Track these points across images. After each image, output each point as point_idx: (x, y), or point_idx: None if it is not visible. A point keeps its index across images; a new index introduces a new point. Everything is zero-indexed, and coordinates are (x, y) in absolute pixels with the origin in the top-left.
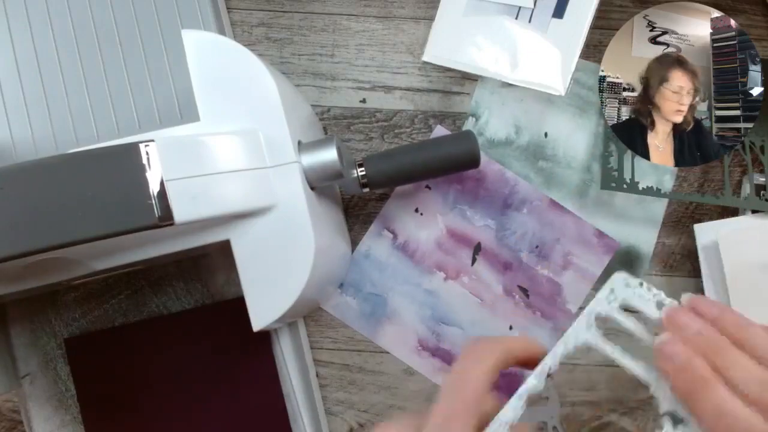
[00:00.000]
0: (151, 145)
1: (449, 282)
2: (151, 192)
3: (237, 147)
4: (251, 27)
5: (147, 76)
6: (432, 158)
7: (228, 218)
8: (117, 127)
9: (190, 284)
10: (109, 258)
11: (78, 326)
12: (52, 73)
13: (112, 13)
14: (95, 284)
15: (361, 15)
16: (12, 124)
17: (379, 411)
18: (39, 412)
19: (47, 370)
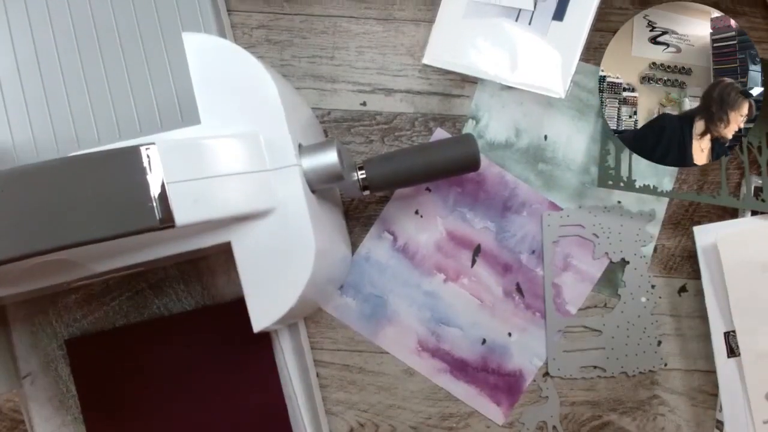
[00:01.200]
0: (152, 148)
1: (449, 284)
2: (152, 194)
3: (238, 150)
4: (251, 29)
5: (148, 79)
6: (432, 161)
7: (229, 221)
8: (118, 130)
9: (190, 286)
10: (110, 260)
11: (79, 327)
12: (53, 76)
13: (113, 15)
14: (96, 286)
15: (362, 17)
16: (13, 127)
17: (379, 411)
18: (40, 412)
19: (48, 370)
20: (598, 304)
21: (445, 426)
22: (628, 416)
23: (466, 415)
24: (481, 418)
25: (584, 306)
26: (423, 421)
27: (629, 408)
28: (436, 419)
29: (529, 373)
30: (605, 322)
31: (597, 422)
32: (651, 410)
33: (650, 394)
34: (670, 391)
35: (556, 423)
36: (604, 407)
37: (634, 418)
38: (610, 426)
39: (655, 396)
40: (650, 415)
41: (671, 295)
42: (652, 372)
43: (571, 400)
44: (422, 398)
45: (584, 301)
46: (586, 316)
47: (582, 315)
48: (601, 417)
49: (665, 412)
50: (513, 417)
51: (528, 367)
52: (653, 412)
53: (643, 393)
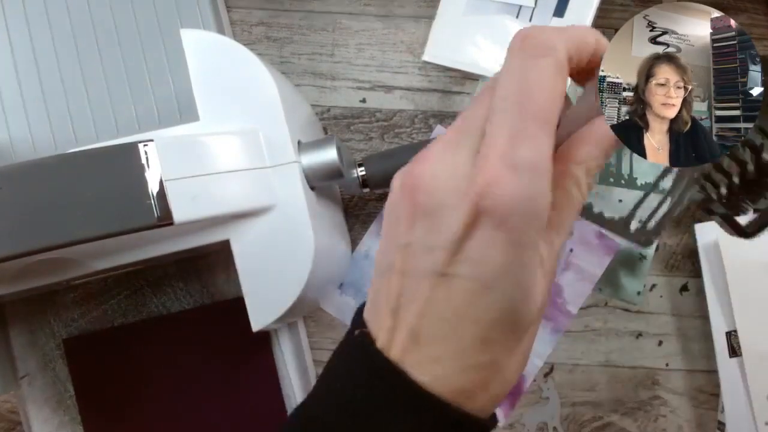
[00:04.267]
0: (150, 145)
1: None
2: (150, 192)
3: (236, 147)
4: (251, 26)
5: (146, 76)
6: None
7: (227, 218)
8: (116, 127)
9: (189, 284)
10: (108, 258)
11: (77, 326)
12: (51, 73)
13: (111, 12)
14: (94, 284)
15: (361, 14)
16: (11, 124)
17: None
18: (38, 413)
19: (46, 370)
20: (598, 303)
21: None
22: (630, 417)
23: None
24: None
25: (586, 306)
26: None
27: (630, 408)
28: None
29: (529, 374)
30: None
31: (598, 423)
32: (652, 411)
33: (651, 394)
34: (672, 392)
35: (557, 424)
36: (606, 408)
37: (635, 419)
38: (612, 427)
39: (657, 396)
40: (651, 416)
41: (672, 294)
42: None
43: (572, 400)
44: None
45: (585, 301)
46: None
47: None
48: (602, 418)
49: (666, 412)
50: (513, 418)
51: (528, 368)
52: (654, 412)
53: (644, 393)
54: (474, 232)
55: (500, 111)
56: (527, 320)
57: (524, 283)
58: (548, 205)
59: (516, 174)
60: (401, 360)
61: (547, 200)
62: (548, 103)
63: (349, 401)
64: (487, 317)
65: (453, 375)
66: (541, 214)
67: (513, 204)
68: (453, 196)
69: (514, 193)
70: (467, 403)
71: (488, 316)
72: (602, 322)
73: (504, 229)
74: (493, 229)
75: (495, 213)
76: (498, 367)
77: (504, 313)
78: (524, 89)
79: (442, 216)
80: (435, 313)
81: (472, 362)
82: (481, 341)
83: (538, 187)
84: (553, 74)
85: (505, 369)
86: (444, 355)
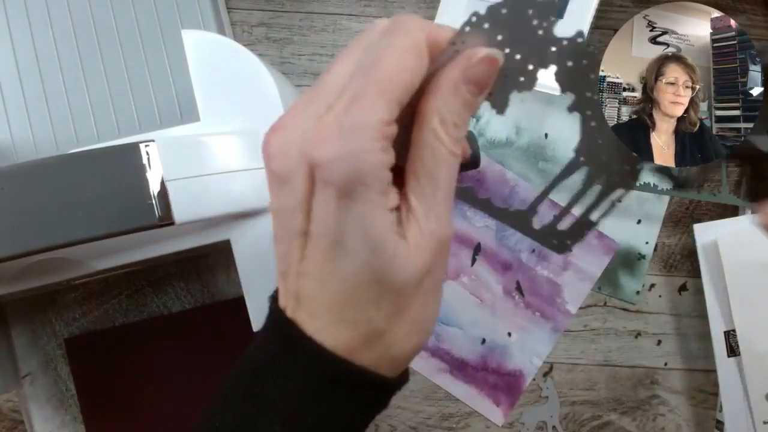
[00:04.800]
0: (151, 145)
1: (449, 282)
2: (151, 192)
3: (237, 147)
4: (251, 27)
5: (147, 77)
6: None
7: (228, 218)
8: (117, 128)
9: (190, 284)
10: (110, 258)
11: (78, 326)
12: (52, 73)
13: (112, 13)
14: (95, 284)
15: (362, 15)
16: (12, 125)
17: None
18: (39, 412)
19: (47, 370)
20: (597, 303)
21: (445, 426)
22: (628, 416)
23: (466, 415)
24: (481, 418)
25: (585, 305)
26: (422, 421)
27: (629, 408)
28: (435, 419)
29: (528, 373)
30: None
31: (597, 422)
32: (651, 410)
33: (650, 393)
34: (670, 391)
35: (556, 423)
36: (604, 407)
37: (634, 418)
38: (611, 426)
39: (655, 395)
40: (650, 415)
41: (671, 293)
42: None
43: (571, 399)
44: (422, 398)
45: (584, 301)
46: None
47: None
48: (601, 417)
49: (665, 411)
50: (513, 417)
51: (528, 367)
52: (653, 411)
53: (643, 393)
54: (315, 191)
55: (352, 76)
56: (394, 282)
57: (372, 240)
58: (379, 163)
59: (340, 133)
60: (293, 317)
61: (375, 158)
62: (392, 74)
63: (254, 356)
64: (346, 273)
65: (329, 328)
66: (367, 171)
67: (335, 161)
68: (297, 159)
69: (335, 151)
70: (353, 358)
71: (346, 272)
72: (601, 322)
73: (331, 186)
74: (324, 187)
75: (322, 171)
76: (374, 326)
77: (360, 270)
78: (375, 59)
79: (290, 179)
80: (307, 272)
81: (345, 317)
82: (350, 297)
83: (361, 145)
84: (405, 50)
85: (388, 332)
86: (318, 311)
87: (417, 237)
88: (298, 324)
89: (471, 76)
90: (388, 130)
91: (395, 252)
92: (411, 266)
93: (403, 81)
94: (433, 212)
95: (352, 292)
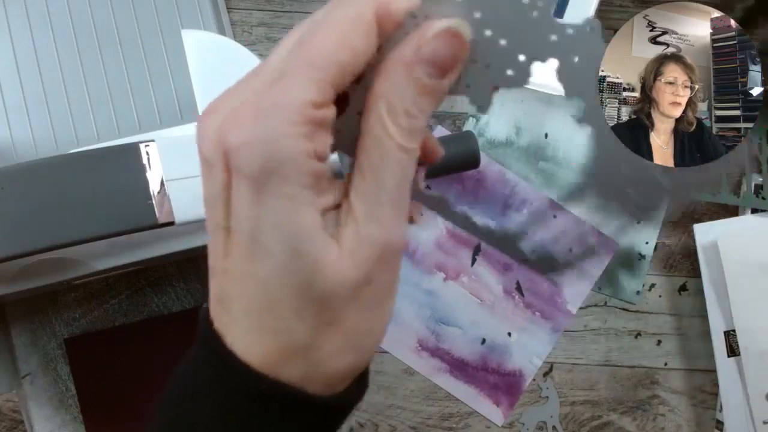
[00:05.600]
0: (151, 145)
1: (449, 282)
2: (151, 192)
3: None
4: (251, 27)
5: (147, 76)
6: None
7: None
8: (117, 128)
9: (190, 284)
10: (110, 258)
11: (78, 326)
12: (52, 74)
13: (112, 13)
14: (95, 284)
15: None
16: (12, 125)
17: (378, 411)
18: (39, 412)
19: (48, 370)
20: (597, 303)
21: (445, 426)
22: (628, 416)
23: (466, 415)
24: (481, 418)
25: (585, 305)
26: (423, 421)
27: (629, 408)
28: (435, 419)
29: (528, 373)
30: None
31: (597, 422)
32: (651, 410)
33: (650, 393)
34: (671, 391)
35: (556, 423)
36: (604, 407)
37: (634, 418)
38: (610, 426)
39: (655, 395)
40: (650, 415)
41: (671, 293)
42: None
43: (570, 399)
44: (422, 398)
45: (584, 300)
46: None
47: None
48: (601, 417)
49: (665, 411)
50: (513, 417)
51: (528, 367)
52: (653, 411)
53: (643, 392)
54: (231, 182)
55: (289, 54)
56: (317, 290)
57: (291, 241)
58: (299, 151)
59: (255, 115)
60: (218, 323)
61: (293, 143)
62: (326, 50)
63: (183, 372)
64: (264, 276)
65: (247, 336)
66: (283, 159)
67: (244, 146)
68: (214, 144)
69: (247, 134)
70: (275, 373)
71: (264, 274)
72: (601, 322)
73: (242, 175)
74: (237, 176)
75: (233, 158)
76: (295, 338)
77: (278, 274)
78: (310, 33)
79: (212, 168)
80: (229, 270)
81: (263, 324)
82: (269, 302)
83: (277, 129)
84: (345, 23)
85: (315, 347)
86: (237, 315)
87: (352, 241)
88: (220, 331)
89: (427, 55)
90: (317, 114)
91: (321, 256)
92: (340, 274)
93: (340, 58)
94: (375, 215)
95: (272, 297)
